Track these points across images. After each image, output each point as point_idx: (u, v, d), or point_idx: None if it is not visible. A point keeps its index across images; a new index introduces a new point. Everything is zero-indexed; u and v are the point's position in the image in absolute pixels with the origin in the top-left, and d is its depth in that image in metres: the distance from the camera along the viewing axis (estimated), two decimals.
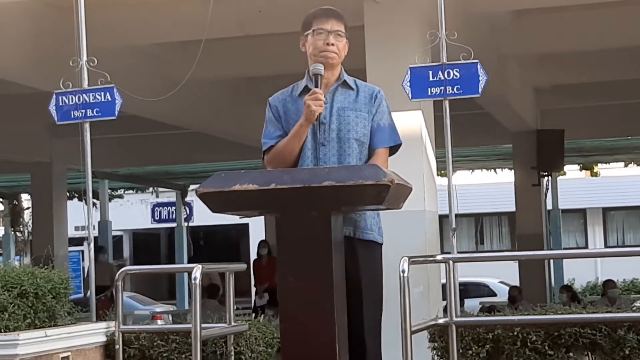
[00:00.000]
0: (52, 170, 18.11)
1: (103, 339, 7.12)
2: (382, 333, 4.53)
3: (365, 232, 4.48)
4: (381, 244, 4.58)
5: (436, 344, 6.52)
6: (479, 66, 7.64)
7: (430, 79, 7.70)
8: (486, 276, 23.59)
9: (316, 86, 4.43)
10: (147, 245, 34.71)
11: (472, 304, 17.21)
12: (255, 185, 3.99)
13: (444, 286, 7.79)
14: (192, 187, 22.95)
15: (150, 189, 30.25)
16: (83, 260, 29.09)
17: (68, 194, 19.95)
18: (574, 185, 28.24)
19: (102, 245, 17.60)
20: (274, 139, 4.58)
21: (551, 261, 17.47)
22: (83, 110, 8.04)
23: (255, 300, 16.11)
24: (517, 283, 16.84)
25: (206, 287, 12.86)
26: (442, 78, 7.67)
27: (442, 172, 14.81)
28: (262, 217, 7.10)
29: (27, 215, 25.30)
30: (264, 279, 15.90)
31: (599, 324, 6.26)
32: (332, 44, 4.53)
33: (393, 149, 4.64)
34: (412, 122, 8.69)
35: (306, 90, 4.51)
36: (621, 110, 16.79)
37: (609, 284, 14.56)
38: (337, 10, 4.66)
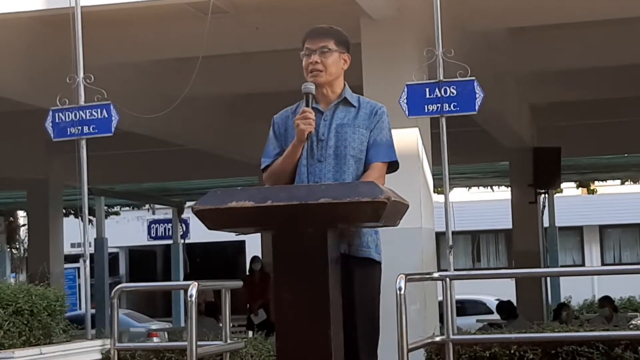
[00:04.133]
0: (48, 187, 18.06)
1: (98, 356, 7.10)
2: (378, 351, 4.51)
3: (361, 249, 4.45)
4: (379, 262, 4.54)
5: None
6: (475, 84, 7.66)
7: (427, 96, 7.72)
8: (483, 293, 23.55)
9: (307, 105, 4.44)
10: (143, 262, 34.63)
11: (470, 321, 17.15)
12: (252, 202, 3.98)
13: (440, 304, 7.77)
14: (188, 203, 22.91)
15: (147, 206, 30.21)
16: (79, 277, 29.07)
17: (64, 211, 19.91)
18: (570, 203, 28.22)
19: None
20: (271, 157, 4.60)
21: (548, 279, 17.44)
22: (79, 127, 8.05)
23: (250, 318, 16.04)
24: (513, 300, 16.75)
25: (203, 305, 12.82)
26: (439, 95, 7.68)
27: (439, 189, 14.84)
28: (259, 234, 7.04)
29: (23, 232, 25.28)
30: (257, 296, 15.85)
31: (596, 342, 6.24)
32: (316, 62, 4.52)
33: (391, 167, 4.62)
34: (408, 139, 8.69)
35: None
36: (618, 127, 16.80)
37: (602, 302, 14.56)
38: (327, 27, 4.64)
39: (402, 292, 4.99)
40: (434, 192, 10.12)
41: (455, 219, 8.11)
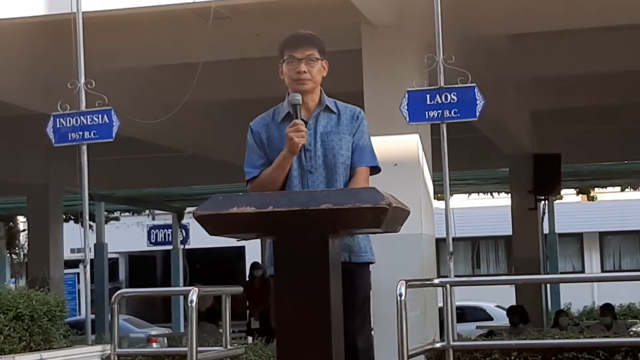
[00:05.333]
0: (48, 192, 18.07)
1: None
2: (379, 357, 4.51)
3: (361, 254, 4.47)
4: (372, 262, 4.56)
5: None
6: (476, 90, 7.66)
7: (428, 102, 7.72)
8: (483, 300, 23.55)
9: (296, 117, 4.38)
10: (143, 267, 34.63)
11: (469, 328, 17.15)
12: (253, 207, 3.97)
13: (440, 310, 7.78)
14: (188, 209, 22.93)
15: (147, 211, 30.21)
16: (79, 282, 29.06)
17: (64, 216, 19.92)
18: (570, 210, 28.24)
19: None
20: (257, 168, 4.53)
21: (548, 285, 17.44)
22: (80, 133, 8.06)
23: (249, 324, 16.06)
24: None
25: (203, 310, 12.81)
26: (440, 101, 7.69)
27: (439, 195, 14.84)
28: (258, 240, 7.09)
29: (23, 238, 25.28)
30: (258, 302, 15.85)
31: (596, 349, 6.24)
32: (304, 71, 4.47)
33: (373, 170, 4.59)
34: (409, 145, 8.70)
35: (289, 117, 4.46)
36: (618, 134, 16.81)
37: (603, 310, 14.54)
38: (308, 34, 4.59)
39: (403, 298, 5.00)
40: (434, 198, 10.12)
41: (455, 226, 8.11)
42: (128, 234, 31.41)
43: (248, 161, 4.57)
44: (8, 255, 25.81)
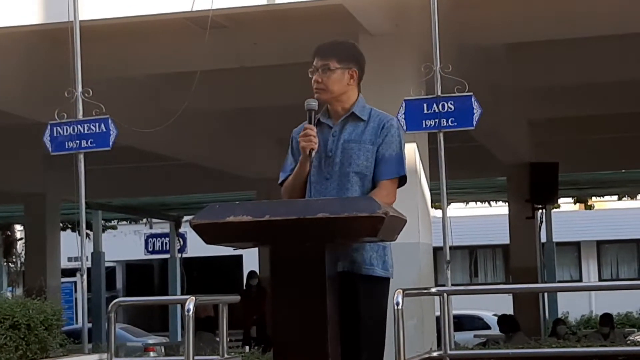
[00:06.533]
0: (45, 201, 18.05)
1: None
2: None
3: (364, 267, 4.39)
4: (386, 278, 4.46)
5: None
6: (473, 99, 7.67)
7: (425, 111, 7.73)
8: (480, 309, 23.53)
9: (309, 122, 4.43)
10: (140, 276, 34.59)
11: (467, 336, 17.14)
12: (250, 216, 3.98)
13: (438, 319, 7.78)
14: (186, 218, 22.90)
15: (144, 220, 30.18)
16: (76, 291, 29.01)
17: (61, 225, 19.89)
18: (568, 218, 28.21)
19: None
20: (287, 172, 4.60)
21: (545, 294, 17.44)
22: (77, 141, 8.07)
23: (246, 332, 16.06)
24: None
25: (200, 319, 12.80)
26: (437, 110, 7.70)
27: (437, 204, 14.84)
28: (256, 249, 7.05)
29: (20, 246, 25.27)
30: (254, 310, 15.86)
31: (593, 358, 6.24)
32: (318, 81, 4.52)
33: (400, 181, 4.58)
34: (406, 154, 8.67)
35: (319, 124, 4.52)
36: (615, 143, 16.81)
37: (604, 320, 14.54)
38: (331, 44, 4.62)
39: (400, 307, 4.99)
40: (432, 207, 10.12)
41: (452, 234, 8.11)
42: (125, 243, 31.37)
43: (283, 166, 4.66)
44: (5, 263, 25.79)
